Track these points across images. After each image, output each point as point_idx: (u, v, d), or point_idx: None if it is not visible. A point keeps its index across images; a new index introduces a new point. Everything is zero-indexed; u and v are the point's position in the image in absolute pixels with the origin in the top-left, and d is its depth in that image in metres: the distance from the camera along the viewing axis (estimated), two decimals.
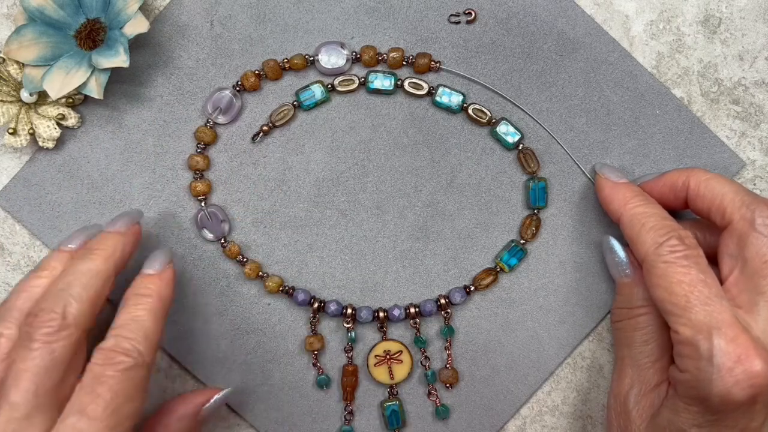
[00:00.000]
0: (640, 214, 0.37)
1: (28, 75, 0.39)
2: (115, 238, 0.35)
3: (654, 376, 0.37)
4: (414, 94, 0.41)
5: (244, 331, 0.41)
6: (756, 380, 0.32)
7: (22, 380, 0.31)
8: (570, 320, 0.42)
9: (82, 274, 0.33)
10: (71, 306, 0.32)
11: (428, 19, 0.41)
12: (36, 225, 0.41)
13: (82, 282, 0.33)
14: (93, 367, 0.31)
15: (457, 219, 0.42)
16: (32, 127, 0.40)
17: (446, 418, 0.42)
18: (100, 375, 0.31)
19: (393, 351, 0.41)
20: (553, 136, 0.41)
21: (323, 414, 0.42)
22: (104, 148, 0.41)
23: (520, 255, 0.41)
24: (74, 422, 0.30)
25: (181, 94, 0.41)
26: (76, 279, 0.33)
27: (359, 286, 0.42)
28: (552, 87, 0.41)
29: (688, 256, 0.34)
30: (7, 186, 0.41)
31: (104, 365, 0.31)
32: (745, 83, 0.42)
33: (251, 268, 0.41)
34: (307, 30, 0.41)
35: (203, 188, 0.41)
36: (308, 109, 0.41)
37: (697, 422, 0.34)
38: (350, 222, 0.42)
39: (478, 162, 0.42)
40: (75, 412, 0.30)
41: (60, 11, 0.38)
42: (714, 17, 0.42)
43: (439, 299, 0.41)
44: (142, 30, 0.37)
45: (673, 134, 0.41)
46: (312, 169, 0.41)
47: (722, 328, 0.32)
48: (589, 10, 0.41)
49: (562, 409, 0.42)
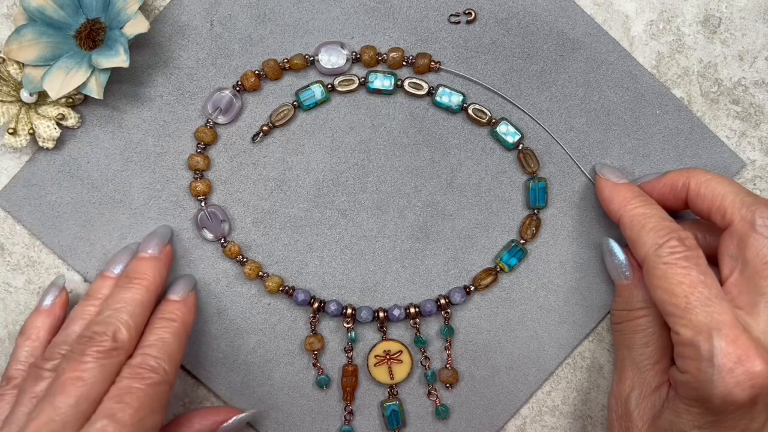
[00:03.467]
0: (640, 215, 0.37)
1: (28, 75, 0.39)
2: (152, 265, 0.38)
3: (654, 377, 0.37)
4: (414, 94, 0.41)
5: (244, 331, 0.41)
6: (756, 381, 0.32)
7: (69, 387, 0.33)
8: (570, 320, 0.42)
9: (127, 303, 0.36)
10: (120, 332, 0.35)
11: (428, 19, 0.41)
12: (36, 225, 0.41)
13: (128, 311, 0.36)
14: (122, 380, 0.34)
15: (457, 219, 0.42)
16: (32, 127, 0.40)
17: (446, 418, 0.42)
18: (128, 387, 0.34)
19: (393, 351, 0.41)
20: (553, 136, 0.41)
21: (323, 414, 0.42)
22: (104, 148, 0.41)
23: (520, 255, 0.41)
24: (104, 425, 0.32)
25: (181, 94, 0.41)
26: (123, 307, 0.36)
27: (359, 286, 0.42)
28: (552, 87, 0.41)
29: (689, 257, 0.34)
30: (7, 186, 0.41)
31: (132, 379, 0.34)
32: (745, 83, 0.42)
33: (251, 268, 0.41)
34: (307, 30, 0.41)
35: (203, 188, 0.41)
36: (308, 109, 0.41)
37: (698, 423, 0.34)
38: (350, 222, 0.42)
39: (478, 162, 0.42)
40: (104, 417, 0.32)
41: (60, 11, 0.38)
42: (714, 17, 0.42)
43: (439, 299, 0.41)
44: (142, 30, 0.37)
45: (673, 134, 0.41)
46: (312, 169, 0.41)
47: (723, 329, 0.32)
48: (589, 10, 0.41)
49: (562, 409, 0.42)
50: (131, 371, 0.34)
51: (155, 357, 0.35)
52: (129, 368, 0.34)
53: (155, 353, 0.35)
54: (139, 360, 0.35)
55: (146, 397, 0.34)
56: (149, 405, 0.34)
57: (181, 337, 0.37)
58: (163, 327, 0.37)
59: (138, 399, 0.33)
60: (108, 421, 0.32)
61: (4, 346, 0.42)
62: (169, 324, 0.37)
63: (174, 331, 0.37)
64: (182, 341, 0.37)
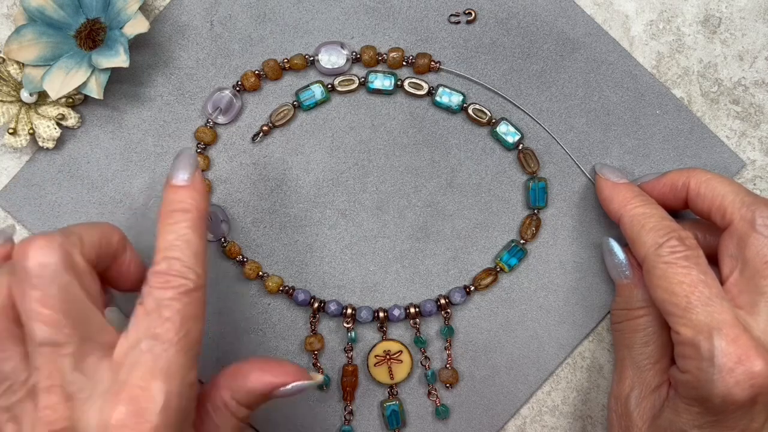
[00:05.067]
0: (640, 215, 0.37)
1: (28, 75, 0.39)
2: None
3: (655, 377, 0.37)
4: (414, 94, 0.41)
5: (244, 331, 0.41)
6: (756, 380, 0.32)
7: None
8: (570, 320, 0.42)
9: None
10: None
11: (428, 19, 0.41)
12: (36, 225, 0.41)
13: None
14: (153, 291, 0.30)
15: (457, 219, 0.42)
16: (32, 127, 0.40)
17: (446, 418, 0.42)
18: (161, 298, 0.30)
19: (393, 351, 0.41)
20: (553, 136, 0.41)
21: (323, 414, 0.42)
22: (104, 148, 0.41)
23: (520, 255, 0.41)
24: (150, 347, 0.29)
25: (181, 94, 0.41)
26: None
27: (359, 286, 0.42)
28: (552, 87, 0.41)
29: (689, 256, 0.34)
30: (7, 186, 0.41)
31: (164, 288, 0.30)
32: (745, 83, 0.42)
33: (251, 268, 0.41)
34: (307, 30, 0.41)
35: None
36: (308, 109, 0.41)
37: (698, 423, 0.34)
38: (350, 222, 0.42)
39: (478, 162, 0.42)
40: (147, 337, 0.29)
41: (60, 11, 0.38)
42: (714, 17, 0.42)
43: (439, 299, 0.41)
44: (142, 30, 0.37)
45: (673, 134, 0.42)
46: (312, 169, 0.41)
47: (723, 328, 0.32)
48: (589, 10, 0.41)
49: (562, 409, 0.42)
50: (161, 279, 0.30)
51: (179, 260, 0.31)
52: (157, 276, 0.31)
53: (178, 255, 0.31)
54: (164, 266, 0.31)
55: (185, 308, 0.30)
56: (190, 315, 0.30)
57: (201, 230, 0.32)
58: (177, 222, 0.32)
59: (177, 312, 0.30)
60: (153, 342, 0.29)
61: None
62: (184, 217, 0.32)
63: (192, 224, 0.32)
64: (203, 234, 0.32)
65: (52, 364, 0.29)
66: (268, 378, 0.34)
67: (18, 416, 0.29)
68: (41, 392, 0.29)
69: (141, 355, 0.29)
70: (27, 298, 0.29)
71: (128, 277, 0.34)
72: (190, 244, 0.31)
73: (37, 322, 0.29)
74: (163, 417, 0.28)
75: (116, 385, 0.29)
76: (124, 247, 0.34)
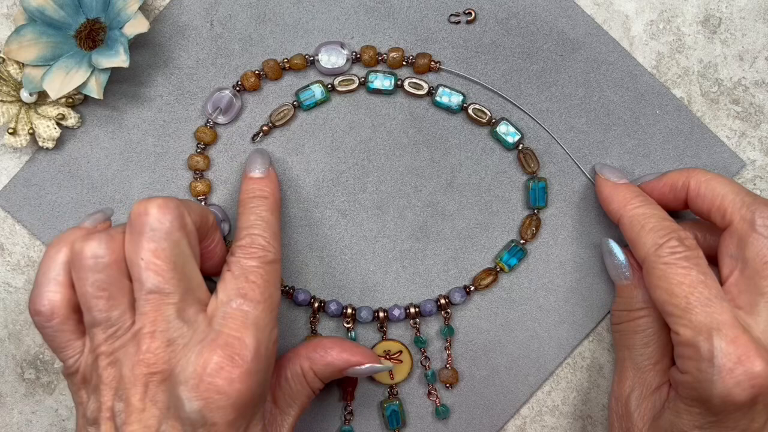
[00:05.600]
0: (639, 215, 0.37)
1: (28, 75, 0.39)
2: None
3: (655, 378, 0.37)
4: (414, 94, 0.41)
5: None
6: (756, 381, 0.32)
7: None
8: (570, 320, 0.42)
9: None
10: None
11: (428, 19, 0.41)
12: (36, 225, 0.41)
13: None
14: (240, 260, 0.35)
15: (457, 219, 0.42)
16: (32, 127, 0.40)
17: (446, 418, 0.42)
18: (247, 266, 0.34)
19: (393, 351, 0.41)
20: (553, 136, 0.41)
21: (323, 414, 0.42)
22: (104, 148, 0.41)
23: (520, 255, 0.41)
24: (240, 304, 0.33)
25: (181, 94, 0.41)
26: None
27: (359, 286, 0.42)
28: (552, 87, 0.41)
29: (688, 257, 0.34)
30: (7, 186, 0.41)
31: (249, 258, 0.35)
32: (745, 83, 0.42)
33: None
34: (307, 30, 0.41)
35: (203, 188, 0.41)
36: (308, 109, 0.41)
37: (698, 423, 0.34)
38: (350, 222, 0.42)
39: (478, 162, 0.42)
40: (237, 297, 0.33)
41: (60, 11, 0.38)
42: (714, 17, 0.42)
43: (439, 299, 0.41)
44: (142, 30, 0.37)
45: (673, 134, 0.42)
46: (312, 169, 0.41)
47: (723, 329, 0.32)
48: (589, 10, 0.41)
49: (562, 409, 0.42)
50: (245, 252, 0.35)
51: (261, 236, 0.35)
52: (242, 249, 0.35)
53: (260, 232, 0.35)
54: (247, 241, 0.35)
55: (268, 274, 0.34)
56: (272, 281, 0.34)
57: (277, 213, 0.37)
58: (258, 206, 0.37)
59: (261, 276, 0.34)
60: (242, 300, 0.33)
61: (4, 346, 0.42)
62: (263, 202, 0.37)
63: (270, 208, 0.37)
64: (279, 218, 0.37)
65: (157, 311, 0.32)
66: (346, 356, 0.38)
67: (119, 360, 0.32)
68: (144, 336, 0.32)
69: (232, 311, 0.33)
70: (142, 250, 0.32)
71: (212, 256, 0.37)
72: (269, 224, 0.36)
73: (149, 271, 0.32)
74: (254, 363, 0.32)
75: (212, 333, 0.32)
76: (216, 228, 0.37)
